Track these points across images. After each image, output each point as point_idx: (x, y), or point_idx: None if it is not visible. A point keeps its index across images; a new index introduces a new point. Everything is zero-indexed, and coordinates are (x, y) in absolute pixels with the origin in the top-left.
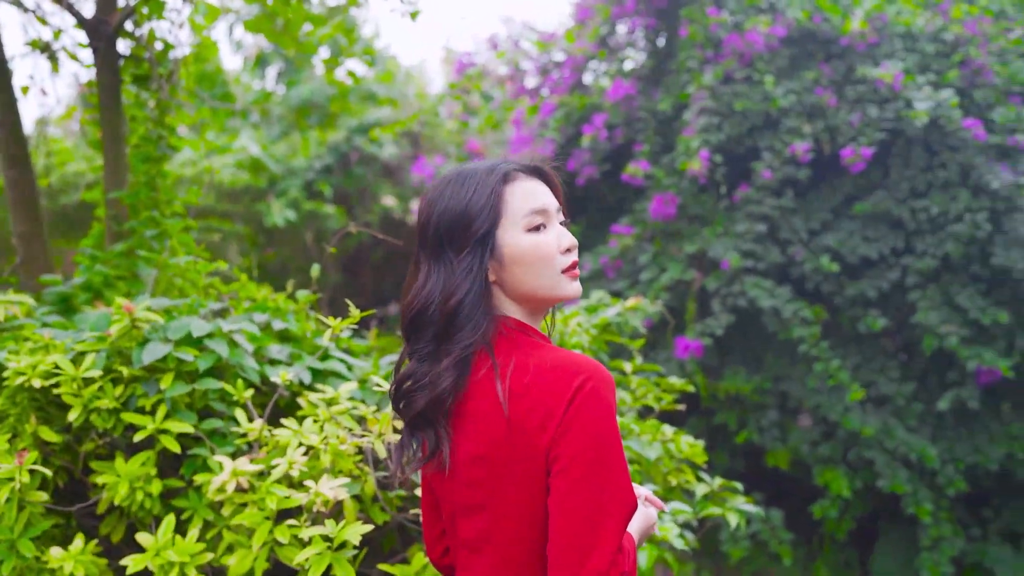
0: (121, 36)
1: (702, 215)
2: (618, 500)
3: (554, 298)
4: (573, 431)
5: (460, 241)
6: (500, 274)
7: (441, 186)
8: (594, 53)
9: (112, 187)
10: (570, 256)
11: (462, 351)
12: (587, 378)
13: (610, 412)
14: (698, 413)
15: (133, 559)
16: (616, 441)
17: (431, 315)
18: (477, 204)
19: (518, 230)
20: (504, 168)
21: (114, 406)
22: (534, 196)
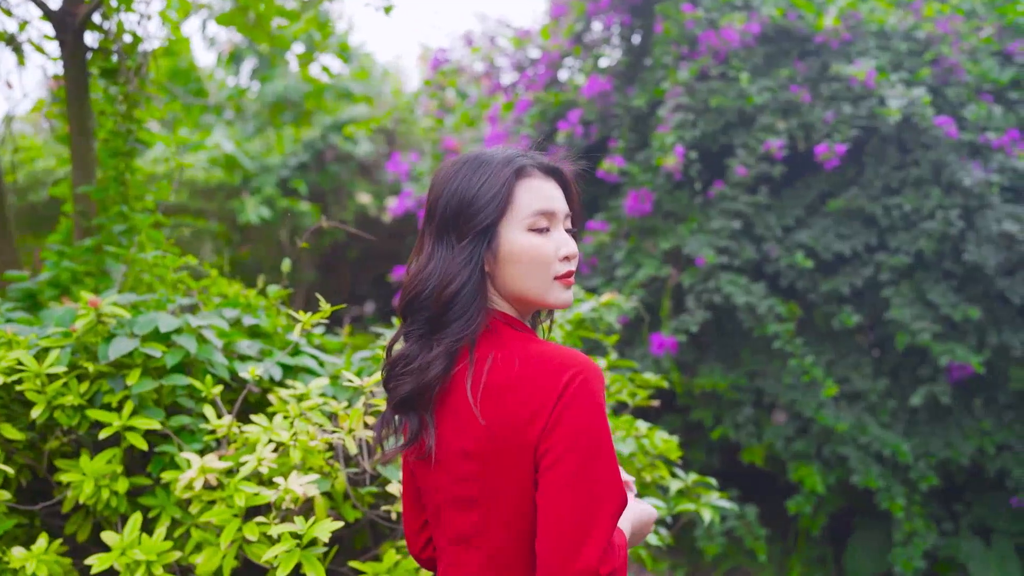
0: (89, 29)
1: (677, 212)
2: (609, 495)
3: (542, 303)
4: (563, 425)
5: (463, 228)
6: (493, 268)
7: (456, 167)
8: (569, 50)
9: (80, 182)
10: (567, 265)
11: (453, 343)
12: (577, 371)
13: (600, 406)
14: (674, 410)
15: (98, 558)
16: (606, 435)
17: (426, 298)
18: (487, 194)
19: (520, 228)
20: (521, 162)
21: (79, 403)
22: (544, 197)
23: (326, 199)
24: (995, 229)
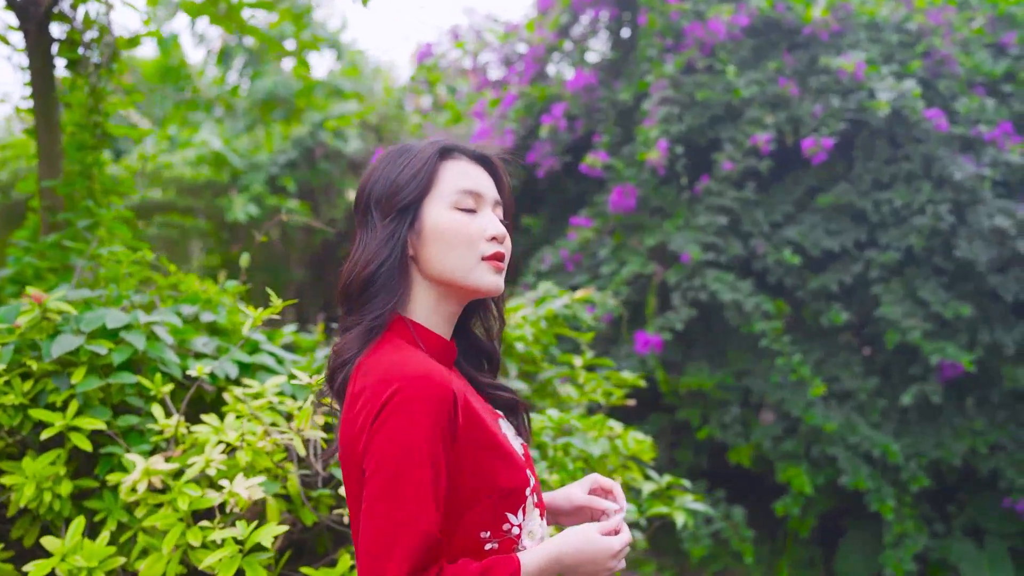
0: (56, 19)
1: (663, 207)
2: (409, 525)
3: (468, 285)
4: (376, 443)
5: (385, 208)
6: (419, 249)
7: (381, 158)
8: (555, 43)
9: (46, 176)
10: (494, 245)
11: (371, 322)
12: (398, 389)
13: (415, 426)
14: (660, 409)
15: (36, 565)
16: (416, 459)
17: (352, 283)
18: (408, 173)
19: (444, 206)
20: (443, 144)
21: (21, 402)
22: (470, 178)
23: (316, 197)
24: (987, 224)
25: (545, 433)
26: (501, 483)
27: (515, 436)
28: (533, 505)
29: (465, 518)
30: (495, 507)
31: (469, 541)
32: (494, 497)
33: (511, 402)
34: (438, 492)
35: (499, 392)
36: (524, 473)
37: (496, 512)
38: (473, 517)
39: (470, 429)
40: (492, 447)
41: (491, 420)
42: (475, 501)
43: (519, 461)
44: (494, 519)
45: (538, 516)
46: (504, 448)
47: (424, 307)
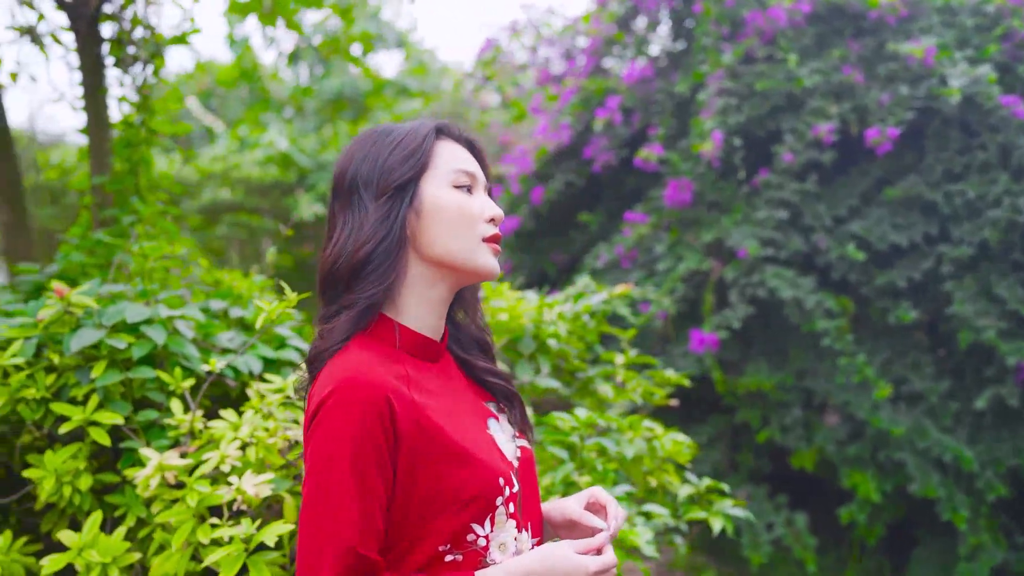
0: (106, 19)
1: (720, 202)
2: (333, 539)
3: (468, 267)
4: (308, 449)
5: (379, 188)
6: (416, 228)
7: (363, 137)
8: (613, 35)
9: (97, 173)
10: (493, 227)
11: (365, 302)
12: (331, 392)
13: (338, 435)
14: (720, 411)
15: (51, 559)
16: (338, 470)
17: (342, 263)
18: (404, 151)
19: (444, 184)
20: (437, 123)
21: (43, 396)
22: (465, 158)
23: None
24: None
25: (575, 433)
26: (461, 491)
27: (510, 438)
28: (507, 515)
29: (425, 528)
30: (456, 517)
31: (429, 553)
32: (455, 507)
33: (507, 391)
34: (368, 503)
35: (494, 380)
36: (493, 481)
37: (458, 522)
38: (434, 528)
39: (420, 433)
40: (448, 452)
41: (461, 421)
42: (435, 511)
43: (489, 467)
44: (456, 530)
45: (513, 527)
46: (465, 453)
47: (414, 292)
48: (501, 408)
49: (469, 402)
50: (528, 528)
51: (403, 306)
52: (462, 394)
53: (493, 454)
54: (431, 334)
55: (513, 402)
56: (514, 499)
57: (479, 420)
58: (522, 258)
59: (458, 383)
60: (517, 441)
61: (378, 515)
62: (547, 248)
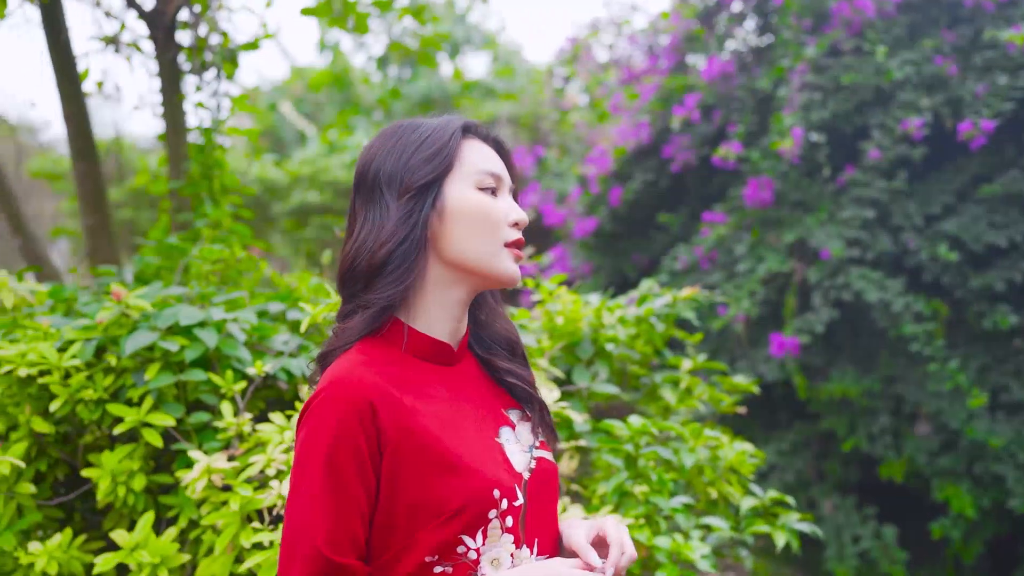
0: (184, 27)
1: (804, 201)
2: (303, 536)
3: (488, 272)
4: (295, 446)
5: (402, 186)
6: (438, 229)
7: (388, 133)
8: (694, 31)
9: (174, 178)
10: (516, 232)
11: (383, 302)
12: (318, 392)
13: (317, 436)
14: (805, 418)
15: (104, 558)
16: (312, 471)
17: (359, 266)
18: (428, 150)
19: (468, 185)
20: (464, 122)
21: (100, 397)
22: (491, 160)
23: None
24: None
25: (630, 441)
26: (448, 501)
27: (525, 448)
28: (503, 530)
29: (412, 538)
30: (444, 528)
31: (416, 563)
32: (441, 517)
33: (526, 393)
34: (342, 506)
35: (514, 380)
36: (486, 493)
37: (445, 533)
38: (421, 538)
39: (407, 438)
40: (437, 460)
41: (462, 428)
42: (420, 520)
43: (483, 478)
44: (444, 541)
45: (510, 542)
46: (456, 462)
47: (431, 294)
48: (526, 417)
49: (482, 408)
50: (535, 545)
51: (418, 308)
52: (474, 399)
53: (494, 464)
54: (446, 337)
55: (533, 405)
56: (515, 513)
57: (489, 427)
58: (602, 260)
59: (473, 388)
60: (536, 452)
61: (354, 520)
62: (627, 249)
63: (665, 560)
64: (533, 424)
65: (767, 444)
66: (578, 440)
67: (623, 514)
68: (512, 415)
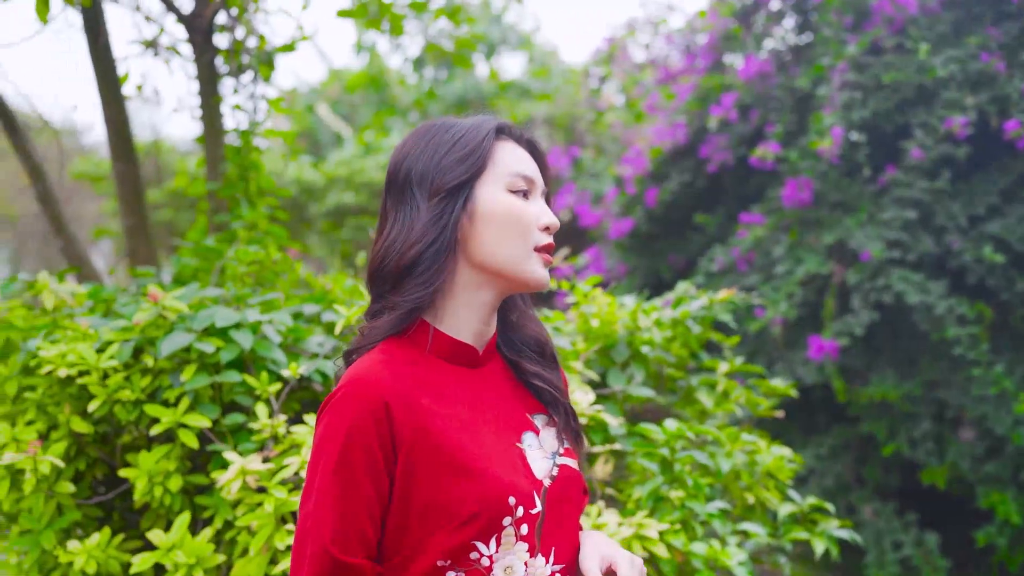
0: (221, 30)
1: (844, 202)
2: (312, 534)
3: (516, 276)
4: (312, 443)
5: (433, 187)
6: (468, 232)
7: (420, 132)
8: (732, 30)
9: (212, 179)
10: (547, 236)
11: (410, 304)
12: (336, 390)
13: (330, 434)
14: (844, 421)
15: (141, 557)
16: (323, 469)
17: (388, 266)
18: (461, 150)
19: (500, 187)
20: (498, 123)
21: (137, 397)
22: (523, 162)
23: None
24: None
25: (665, 446)
26: (461, 507)
27: (548, 455)
28: (518, 537)
29: (424, 541)
30: (456, 533)
31: (428, 566)
32: (454, 522)
33: (552, 397)
34: (352, 506)
35: (540, 384)
36: (500, 500)
37: (458, 539)
38: (433, 541)
39: (422, 440)
40: (452, 464)
41: (482, 432)
42: (433, 524)
43: (499, 484)
44: (456, 547)
45: (524, 551)
46: (472, 467)
47: (459, 296)
48: (552, 422)
49: (505, 412)
50: (551, 554)
51: (445, 310)
52: (498, 403)
53: (512, 470)
54: (472, 339)
55: (559, 409)
56: (531, 520)
57: (511, 432)
58: (637, 261)
59: (498, 391)
60: (559, 459)
61: (364, 519)
62: (663, 251)
63: (701, 566)
64: (558, 430)
65: (805, 448)
66: (613, 444)
67: (658, 519)
68: (537, 420)
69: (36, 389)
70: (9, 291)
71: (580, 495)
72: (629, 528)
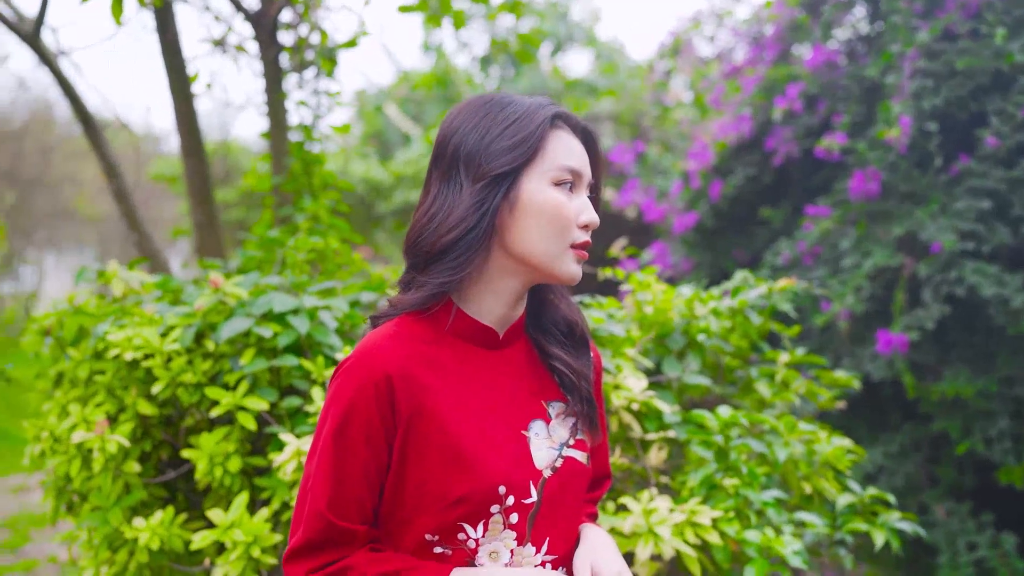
0: (286, 28)
1: (914, 192)
2: (311, 496)
3: (548, 271)
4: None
5: (479, 171)
6: (507, 220)
7: (476, 105)
8: (798, 20)
9: (277, 174)
10: (584, 234)
11: (438, 286)
12: (345, 360)
13: (336, 403)
14: (916, 418)
15: (201, 535)
16: (327, 435)
17: (425, 240)
18: (512, 136)
19: (545, 180)
20: (555, 110)
21: (199, 380)
22: (574, 155)
23: None
24: None
25: (719, 433)
26: (449, 490)
27: (555, 445)
28: (505, 526)
29: (414, 516)
30: (443, 513)
31: (417, 539)
32: (441, 503)
33: (571, 384)
34: (347, 473)
35: (560, 366)
36: (490, 488)
37: (445, 519)
38: (424, 517)
39: (421, 419)
40: (446, 447)
41: (487, 417)
42: (422, 502)
43: (491, 472)
44: (444, 525)
45: (512, 539)
46: (465, 452)
47: (487, 280)
48: (569, 411)
49: (518, 397)
50: (545, 544)
51: (471, 291)
52: (512, 387)
53: (509, 458)
54: (494, 322)
55: (577, 395)
56: (523, 510)
57: (520, 418)
58: (702, 256)
59: (515, 375)
60: (566, 451)
61: (360, 487)
62: (728, 245)
63: (755, 554)
64: (575, 419)
65: (874, 445)
66: (667, 431)
67: (712, 506)
68: (552, 408)
69: (105, 373)
70: (82, 280)
71: (583, 488)
72: (681, 514)
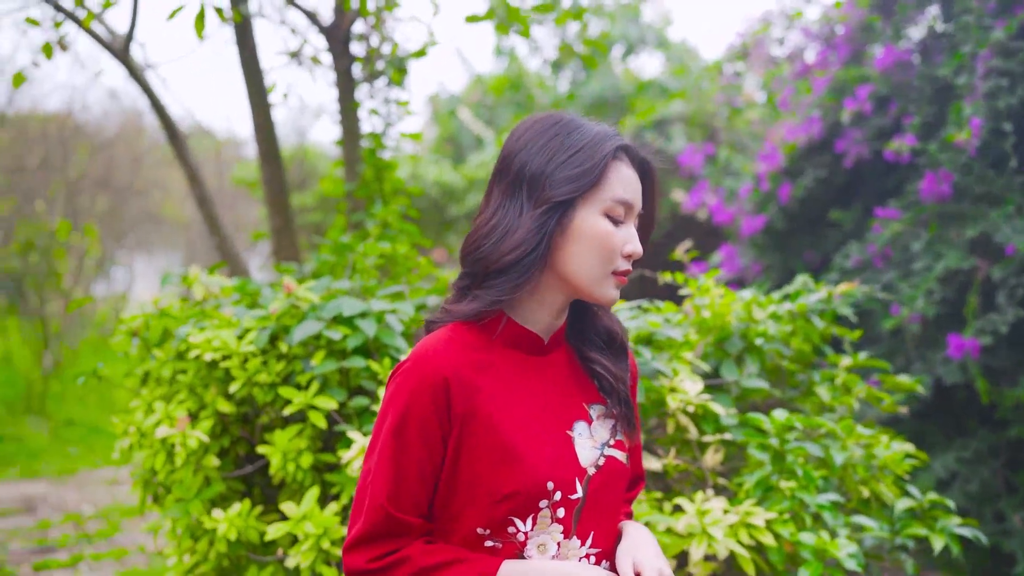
0: (357, 39)
1: (989, 194)
2: (371, 490)
3: (589, 293)
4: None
5: (542, 195)
6: (559, 242)
7: (545, 124)
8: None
9: (350, 181)
10: (626, 263)
11: (491, 303)
12: (403, 363)
13: (393, 403)
14: (992, 424)
15: (276, 527)
16: (387, 432)
17: (485, 253)
18: (577, 166)
19: (597, 210)
20: (619, 142)
21: (273, 380)
22: (630, 188)
23: None
24: None
25: (776, 436)
26: (500, 486)
27: (597, 445)
28: (553, 520)
29: (466, 511)
30: (493, 508)
31: (468, 532)
32: (491, 498)
33: (611, 387)
34: (405, 468)
35: (601, 372)
36: (539, 484)
37: (495, 513)
38: (475, 511)
39: (474, 419)
40: (497, 445)
41: (534, 418)
42: (473, 497)
43: (539, 469)
44: (495, 519)
45: (559, 532)
46: (514, 450)
47: (535, 294)
48: (609, 413)
49: (562, 400)
50: (589, 537)
51: (520, 303)
52: (556, 391)
53: (556, 457)
54: (540, 330)
55: (616, 397)
56: (569, 505)
57: (564, 420)
58: (771, 258)
59: (558, 379)
60: (607, 450)
61: (415, 483)
62: (797, 248)
63: (810, 556)
64: (615, 421)
65: (947, 451)
66: (724, 433)
67: (767, 508)
68: (593, 410)
69: (187, 372)
70: (167, 284)
71: (623, 486)
72: (734, 515)
